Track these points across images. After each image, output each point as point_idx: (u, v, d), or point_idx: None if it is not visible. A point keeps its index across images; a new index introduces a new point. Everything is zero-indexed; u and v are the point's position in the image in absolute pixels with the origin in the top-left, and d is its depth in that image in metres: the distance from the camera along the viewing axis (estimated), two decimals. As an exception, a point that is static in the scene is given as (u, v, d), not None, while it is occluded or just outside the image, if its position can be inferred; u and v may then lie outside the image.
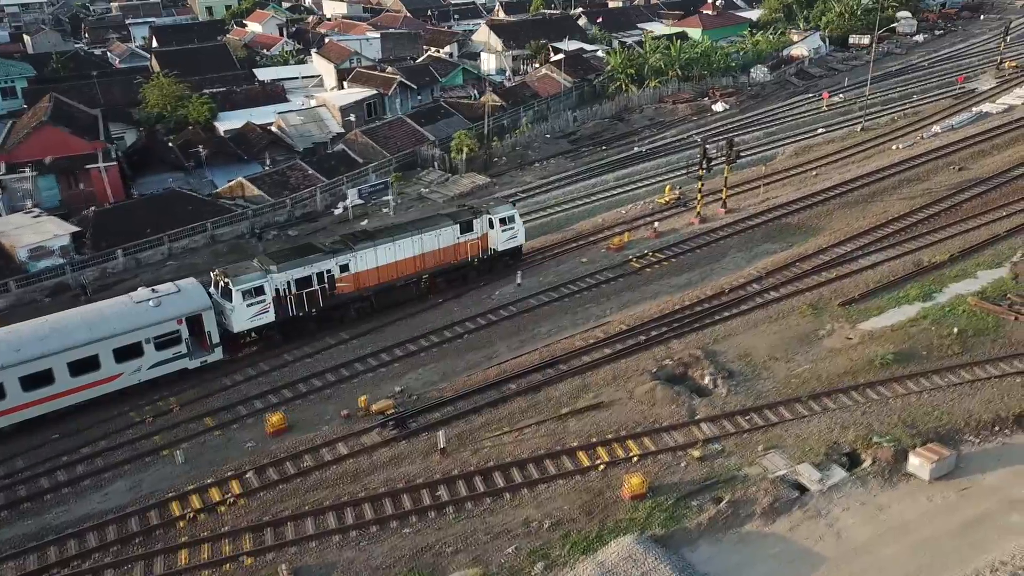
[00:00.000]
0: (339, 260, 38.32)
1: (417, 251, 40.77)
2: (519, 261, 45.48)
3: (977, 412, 30.78)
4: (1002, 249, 44.52)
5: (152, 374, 33.89)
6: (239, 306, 35.57)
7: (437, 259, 41.72)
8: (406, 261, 40.49)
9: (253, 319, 36.13)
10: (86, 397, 32.64)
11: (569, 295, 42.13)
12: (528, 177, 61.91)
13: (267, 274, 36.40)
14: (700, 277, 43.75)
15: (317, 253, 38.31)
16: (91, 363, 32.30)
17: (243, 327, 36.15)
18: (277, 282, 36.53)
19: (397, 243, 40.04)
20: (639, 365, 34.90)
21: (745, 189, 57.09)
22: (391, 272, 40.13)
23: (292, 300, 37.11)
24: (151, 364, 33.71)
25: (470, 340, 38.10)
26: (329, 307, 38.50)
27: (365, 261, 39.05)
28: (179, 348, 34.19)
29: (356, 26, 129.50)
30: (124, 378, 33.23)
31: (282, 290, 36.70)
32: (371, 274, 39.41)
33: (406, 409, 32.27)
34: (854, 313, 38.63)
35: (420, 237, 40.82)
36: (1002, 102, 77.14)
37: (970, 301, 38.68)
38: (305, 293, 37.37)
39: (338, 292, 38.54)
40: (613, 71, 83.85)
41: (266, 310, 36.32)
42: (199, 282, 36.69)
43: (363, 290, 39.43)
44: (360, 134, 62.70)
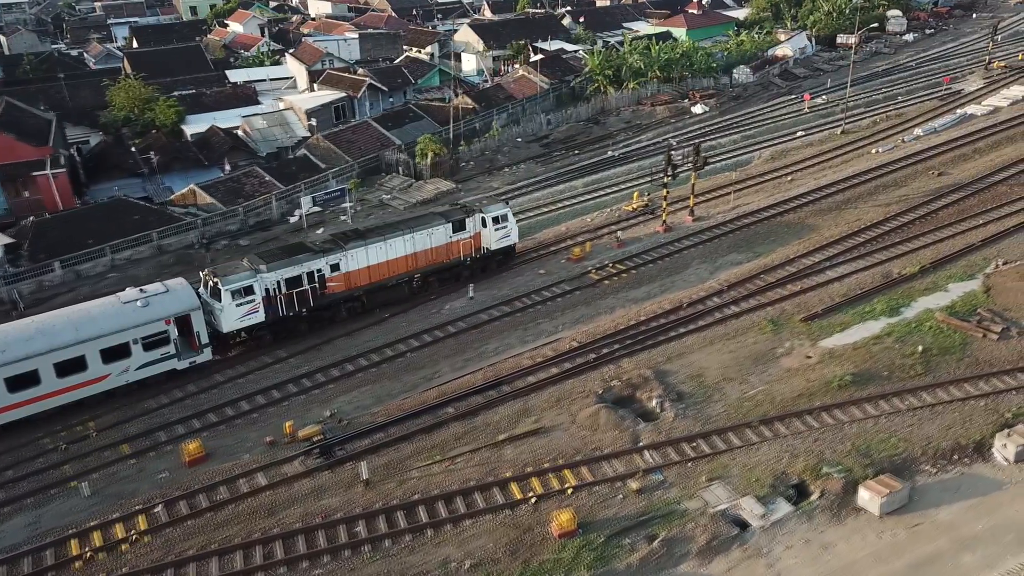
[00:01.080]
0: (329, 259, 37.88)
1: (409, 250, 40.34)
2: (512, 260, 44.85)
3: (936, 439, 29.06)
4: (976, 260, 42.80)
5: (140, 375, 33.60)
6: (228, 306, 35.12)
7: (429, 258, 41.28)
8: (398, 260, 40.08)
9: (243, 319, 35.70)
10: (73, 398, 32.36)
11: (522, 309, 40.38)
12: (495, 183, 60.14)
13: (257, 274, 35.99)
14: (660, 290, 42.01)
15: (307, 252, 37.84)
16: (78, 364, 32.01)
17: (232, 327, 35.69)
18: (267, 282, 36.15)
19: (388, 242, 39.54)
20: (585, 386, 33.16)
21: (716, 195, 55.34)
22: (382, 271, 39.72)
23: (282, 300, 36.75)
24: (139, 365, 33.39)
25: (412, 359, 36.36)
26: (320, 307, 38.17)
27: (356, 260, 38.65)
28: (167, 349, 33.82)
29: (339, 26, 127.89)
30: (112, 379, 32.96)
31: (272, 290, 36.34)
32: (362, 273, 39.01)
33: (334, 436, 30.51)
34: (816, 329, 36.90)
35: (412, 236, 40.35)
36: (988, 104, 75.39)
37: (937, 317, 36.97)
38: (295, 293, 37.01)
39: (329, 292, 38.14)
40: (591, 72, 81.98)
41: (256, 310, 35.93)
42: (188, 282, 36.12)
43: (354, 290, 39.05)
44: (322, 138, 60.92)
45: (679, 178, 51.39)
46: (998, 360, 33.75)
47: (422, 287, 41.58)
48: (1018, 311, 37.31)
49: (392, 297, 40.64)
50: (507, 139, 68.03)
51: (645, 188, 55.67)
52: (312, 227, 51.49)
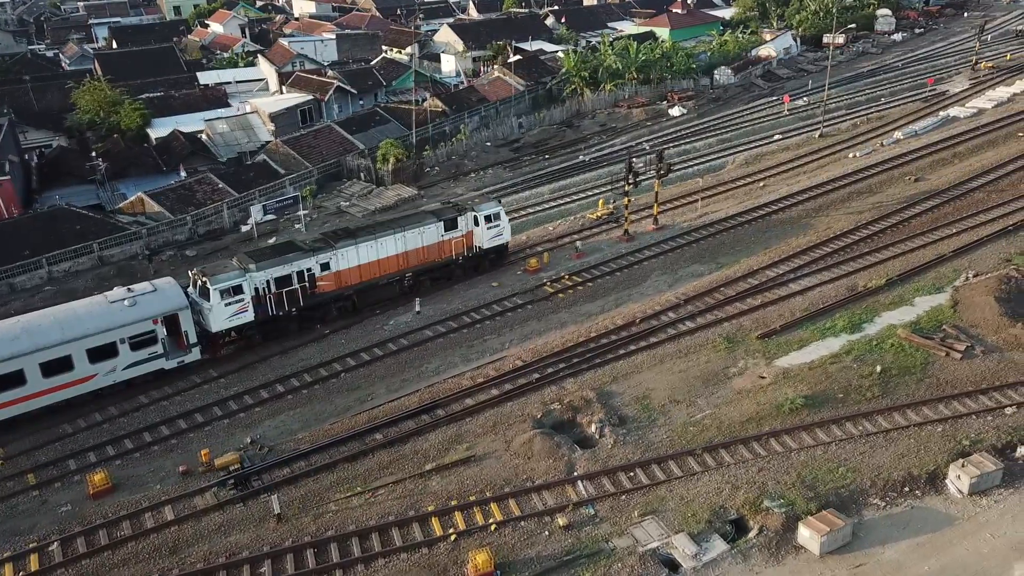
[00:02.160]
0: (319, 258, 37.56)
1: (400, 249, 40.03)
2: (505, 259, 44.53)
3: (887, 469, 27.39)
4: (945, 272, 41.10)
5: (128, 375, 33.35)
6: (217, 305, 34.75)
7: (421, 257, 40.98)
8: (388, 259, 39.76)
9: (232, 319, 35.39)
10: (60, 398, 32.07)
11: (470, 325, 38.70)
12: (460, 189, 58.44)
13: (246, 273, 35.69)
14: (615, 303, 40.33)
15: (297, 252, 37.55)
16: (64, 364, 31.71)
17: (221, 327, 35.34)
18: (256, 281, 35.86)
19: (379, 241, 39.27)
20: (525, 410, 31.48)
21: (684, 202, 53.69)
22: (373, 270, 39.40)
23: (272, 299, 36.45)
24: (126, 364, 33.12)
25: (347, 379, 34.68)
26: (310, 306, 37.85)
27: (346, 259, 38.32)
28: (155, 348, 33.56)
29: (321, 26, 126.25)
30: (99, 379, 32.68)
31: (261, 289, 36.05)
32: (352, 272, 38.70)
33: (253, 464, 28.84)
34: (772, 347, 35.21)
35: (403, 235, 40.05)
36: (972, 105, 73.71)
37: (900, 334, 35.30)
38: (285, 292, 36.68)
39: (319, 291, 37.83)
40: (568, 74, 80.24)
41: (245, 309, 35.62)
42: (176, 282, 35.84)
43: (344, 289, 38.74)
44: (281, 144, 59.21)
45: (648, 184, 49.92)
46: (959, 381, 32.09)
47: (413, 286, 41.09)
48: (984, 327, 35.64)
49: (383, 296, 40.25)
50: (476, 143, 66.34)
51: (611, 195, 53.96)
52: (263, 236, 49.82)
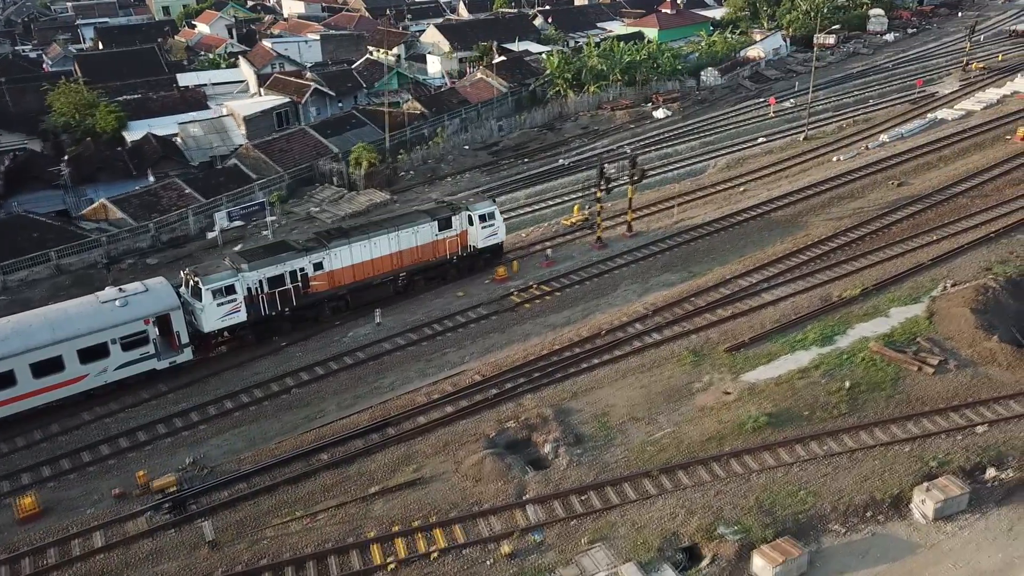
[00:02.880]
0: (312, 258, 37.46)
1: (394, 248, 39.95)
2: (500, 259, 44.21)
3: (849, 492, 26.24)
4: (923, 281, 39.94)
5: (119, 375, 33.21)
6: (209, 305, 34.61)
7: (415, 256, 40.86)
8: (382, 259, 39.68)
9: (224, 319, 35.29)
10: (51, 399, 31.99)
11: (430, 337, 37.54)
12: (435, 193, 57.25)
13: (238, 273, 35.53)
14: (582, 314, 39.17)
15: (290, 251, 37.45)
16: (55, 364, 31.59)
17: (214, 327, 35.25)
18: (249, 281, 35.70)
19: (373, 240, 39.18)
20: (478, 428, 30.35)
21: (662, 208, 52.51)
22: (367, 270, 39.30)
23: (264, 299, 36.31)
24: (118, 365, 33.00)
25: (299, 395, 33.54)
26: (303, 306, 37.73)
27: (340, 259, 38.20)
28: (147, 349, 33.47)
29: (309, 26, 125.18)
30: (90, 379, 32.55)
31: (254, 289, 35.91)
32: (346, 272, 38.61)
33: (190, 486, 27.71)
34: (740, 361, 34.07)
35: (397, 234, 39.96)
36: (960, 107, 72.52)
37: (871, 347, 34.14)
38: (278, 292, 36.58)
39: (312, 291, 37.73)
40: (551, 75, 79.06)
41: (237, 309, 35.49)
42: (168, 281, 35.73)
43: (338, 288, 38.60)
44: (252, 148, 58.07)
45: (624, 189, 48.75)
46: (930, 397, 30.94)
47: (408, 286, 41.01)
48: (959, 340, 34.48)
49: (378, 296, 39.94)
50: (454, 146, 65.19)
51: (586, 201, 52.79)
52: (229, 243, 48.67)
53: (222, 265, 36.62)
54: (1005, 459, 27.58)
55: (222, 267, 36.36)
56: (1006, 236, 44.55)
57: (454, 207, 42.93)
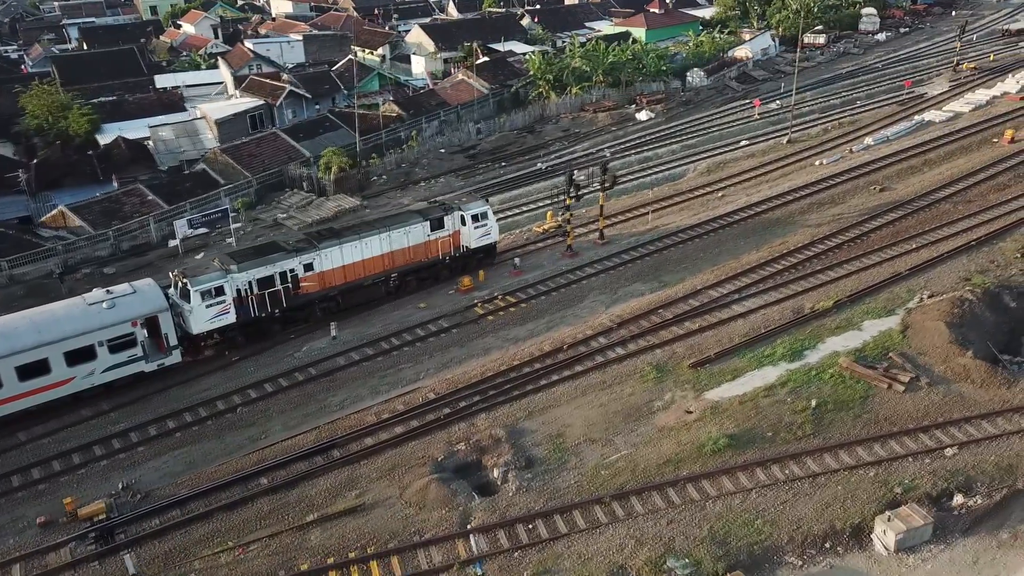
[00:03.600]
0: (303, 259, 37.19)
1: (385, 249, 39.61)
2: (493, 259, 44.04)
3: (808, 521, 24.99)
4: (899, 292, 38.66)
5: (106, 378, 32.99)
6: (198, 307, 34.40)
7: (406, 257, 40.55)
8: (373, 259, 39.37)
9: (213, 320, 35.03)
10: (36, 402, 31.66)
11: (387, 352, 36.27)
12: (407, 199, 55.99)
13: (227, 274, 35.27)
14: (546, 327, 37.91)
15: (280, 252, 37.19)
16: (41, 367, 31.31)
17: (202, 328, 35.02)
18: (238, 282, 35.46)
19: (364, 241, 38.88)
20: (427, 450, 29.10)
21: (637, 214, 51.20)
22: (358, 271, 39.02)
23: (254, 300, 36.04)
24: (105, 367, 32.77)
25: (244, 414, 32.27)
26: (293, 307, 37.50)
27: (330, 260, 37.92)
28: (134, 351, 33.27)
29: (296, 26, 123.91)
30: (77, 382, 32.30)
31: (243, 290, 35.67)
32: (336, 273, 38.29)
33: (121, 514, 26.46)
34: (704, 378, 32.80)
35: (388, 235, 39.65)
36: (949, 109, 71.20)
37: (841, 363, 32.86)
38: (267, 293, 36.33)
39: (302, 292, 37.45)
40: (534, 76, 77.74)
41: (226, 311, 35.24)
42: (156, 283, 35.47)
43: (328, 289, 38.33)
44: (220, 152, 56.77)
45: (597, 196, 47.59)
46: (899, 417, 29.69)
47: (400, 287, 40.75)
48: (933, 355, 33.21)
49: (369, 296, 39.77)
50: (429, 150, 63.91)
51: (558, 208, 51.49)
52: (191, 252, 47.44)
53: (211, 266, 36.14)
54: (974, 484, 26.34)
55: (211, 268, 35.86)
56: (987, 244, 43.28)
57: (446, 207, 42.52)
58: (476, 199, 45.18)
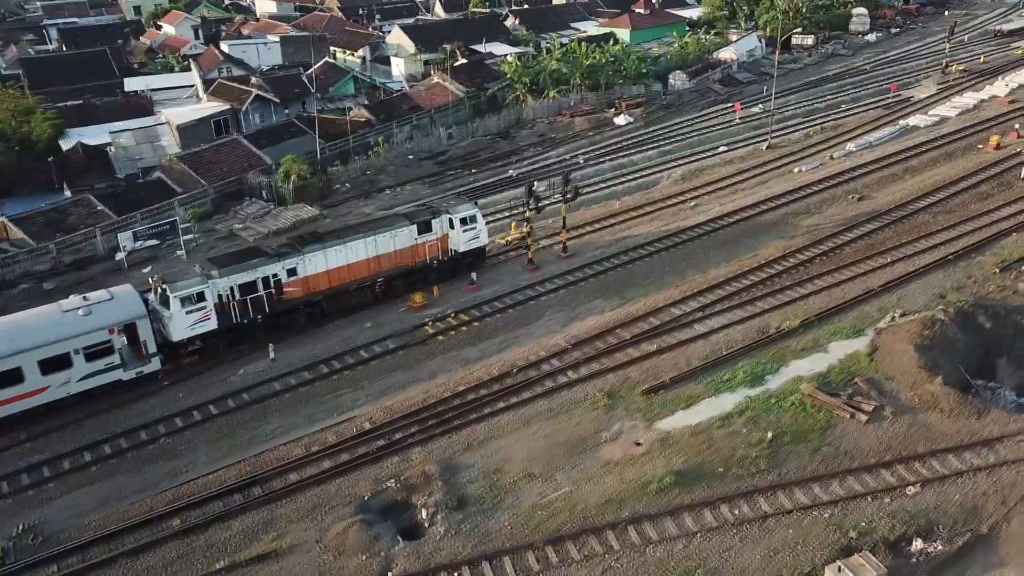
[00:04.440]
0: (286, 264, 36.56)
1: (371, 253, 38.92)
2: (483, 262, 43.10)
3: (753, 571, 23.12)
4: (870, 311, 36.79)
5: (83, 387, 32.12)
6: (178, 313, 33.64)
7: (393, 261, 39.84)
8: (359, 264, 38.70)
9: (194, 327, 34.25)
10: (9, 412, 30.83)
11: (327, 376, 34.38)
12: (369, 208, 54.08)
13: (208, 279, 34.67)
14: (499, 348, 36.02)
15: (262, 257, 36.64)
16: (14, 376, 30.56)
17: (183, 335, 34.20)
18: (219, 288, 34.81)
19: (349, 245, 38.20)
20: (354, 488, 27.24)
21: (606, 225, 49.31)
22: (343, 275, 38.29)
23: (236, 307, 35.39)
24: (81, 376, 31.91)
25: (168, 445, 30.38)
26: (276, 313, 36.69)
27: (314, 264, 37.24)
28: (112, 359, 32.46)
29: (278, 27, 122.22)
30: (51, 391, 31.45)
31: (225, 296, 35.02)
32: (321, 278, 37.61)
33: (16, 560, 24.58)
34: (658, 405, 30.93)
35: (374, 239, 38.95)
36: (935, 113, 69.30)
37: (803, 390, 31.00)
38: (250, 299, 35.69)
39: (286, 297, 36.75)
40: (511, 80, 75.81)
41: (207, 317, 34.48)
42: (135, 288, 34.76)
43: (313, 295, 37.65)
44: (175, 160, 54.86)
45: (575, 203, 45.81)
46: (860, 451, 27.85)
47: (386, 291, 40.05)
48: (900, 380, 31.35)
49: (354, 302, 39.01)
50: (397, 156, 62.01)
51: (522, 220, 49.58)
52: (138, 265, 45.56)
53: (192, 272, 35.54)
54: (935, 528, 24.52)
55: (192, 274, 35.30)
56: (966, 258, 41.45)
57: (434, 210, 41.76)
58: (465, 202, 44.09)
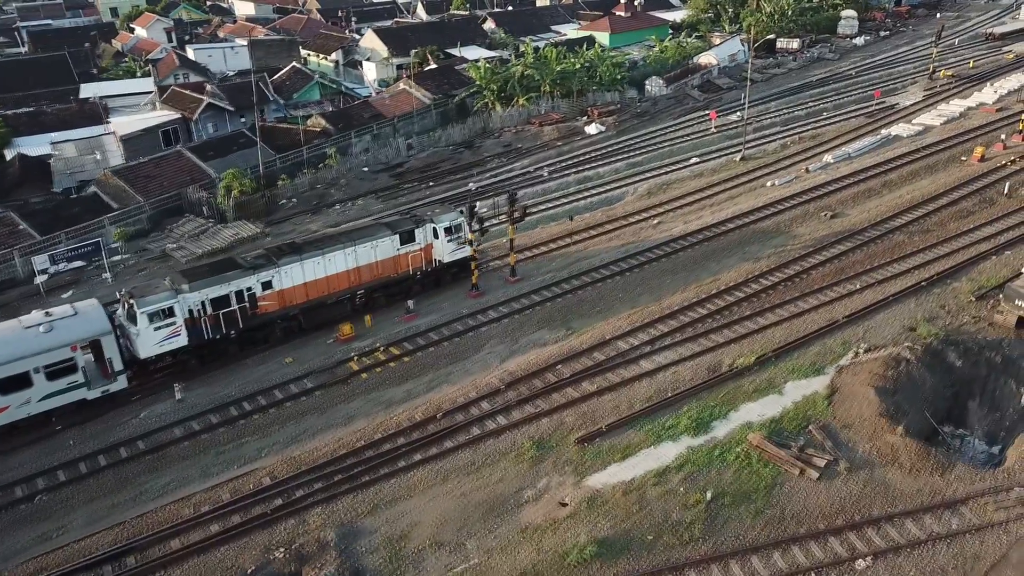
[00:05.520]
0: (260, 276, 35.11)
1: (351, 264, 37.57)
2: (468, 273, 41.04)
3: (673, 667, 20.15)
4: (833, 345, 33.93)
5: (44, 406, 30.72)
6: (145, 329, 32.24)
7: (374, 272, 38.49)
8: (338, 276, 37.31)
9: (162, 343, 32.85)
10: None
11: (232, 421, 31.36)
12: (315, 224, 51.11)
13: (178, 293, 33.16)
14: (427, 387, 33.07)
15: (236, 269, 35.04)
16: None
17: (151, 352, 32.78)
18: (190, 302, 33.37)
19: (327, 256, 36.83)
20: (238, 559, 24.30)
21: (562, 245, 46.40)
22: (321, 288, 36.89)
23: (207, 321, 33.94)
24: (42, 396, 30.49)
25: (44, 504, 27.38)
26: (251, 328, 35.34)
27: (291, 277, 35.85)
28: (75, 377, 30.98)
29: (253, 29, 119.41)
30: (11, 412, 30.05)
31: (196, 311, 33.57)
32: (298, 291, 36.22)
33: None
34: (590, 457, 28.04)
35: (354, 249, 37.55)
36: (919, 122, 66.48)
37: (751, 440, 28.11)
38: (222, 314, 34.27)
39: (260, 311, 35.37)
40: (479, 86, 72.85)
41: (177, 333, 33.11)
42: (100, 303, 33.18)
43: (289, 308, 36.22)
44: (111, 175, 51.85)
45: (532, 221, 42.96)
46: (808, 514, 24.95)
47: (367, 303, 38.63)
48: (859, 429, 28.47)
49: (334, 315, 37.45)
50: (351, 168, 59.03)
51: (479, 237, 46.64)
52: (59, 288, 42.63)
53: (161, 285, 34.06)
54: (885, 613, 21.57)
55: (161, 287, 33.78)
56: (940, 284, 38.61)
57: (417, 219, 40.29)
58: (450, 210, 42.03)
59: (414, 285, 39.95)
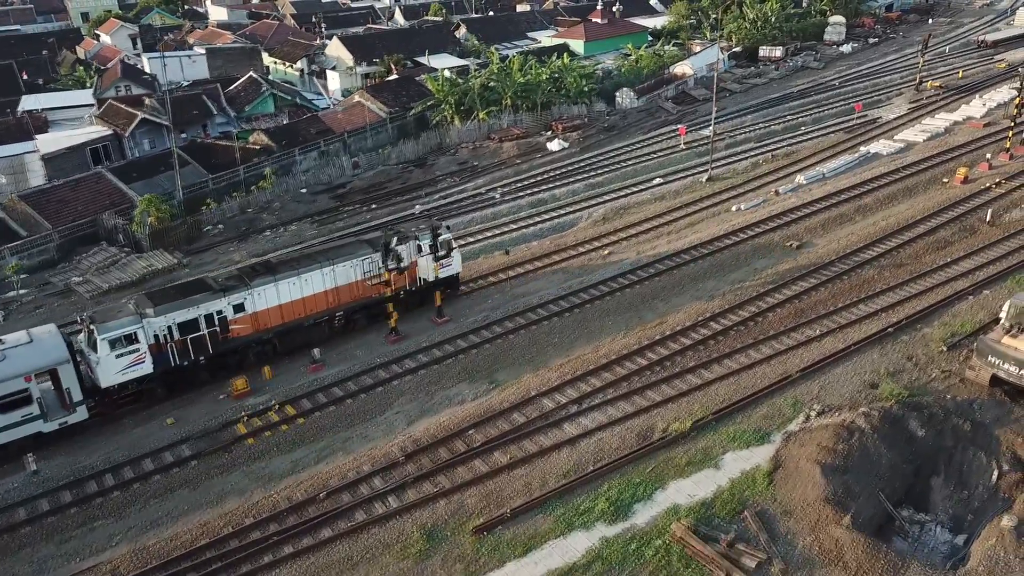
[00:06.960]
0: (232, 299, 33.37)
1: (329, 285, 35.69)
2: (456, 291, 39.86)
3: None
4: (783, 405, 29.95)
5: None
6: (106, 357, 30.54)
7: (354, 293, 36.53)
8: (315, 297, 35.50)
9: (125, 371, 31.12)
10: None
11: (89, 498, 27.37)
12: (239, 255, 47.16)
13: (142, 318, 31.42)
14: (317, 457, 29.12)
15: (205, 292, 33.18)
16: None
17: (112, 381, 31.02)
18: (155, 327, 31.65)
19: (304, 277, 35.01)
20: None
21: (504, 278, 42.52)
22: (297, 310, 35.14)
23: (174, 347, 32.24)
24: None
25: None
26: (222, 353, 33.59)
27: (264, 299, 34.11)
28: (30, 409, 29.25)
29: (223, 35, 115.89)
30: None
31: (162, 336, 31.87)
32: (272, 313, 34.47)
33: None
34: (487, 551, 24.06)
35: (332, 269, 35.63)
36: (901, 138, 62.55)
37: (675, 531, 24.09)
38: (190, 339, 32.49)
39: (232, 336, 33.61)
40: (437, 99, 68.95)
41: (141, 360, 31.37)
42: (59, 329, 31.50)
43: (262, 332, 34.50)
44: (17, 199, 47.97)
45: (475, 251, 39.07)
46: (730, 635, 20.87)
47: (346, 325, 36.78)
48: (801, 518, 24.45)
49: (311, 338, 35.59)
50: (287, 190, 55.11)
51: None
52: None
53: (125, 309, 32.03)
54: None
55: (124, 311, 31.77)
56: (909, 329, 34.63)
57: (402, 236, 37.66)
58: (439, 225, 39.35)
59: (398, 306, 37.10)
